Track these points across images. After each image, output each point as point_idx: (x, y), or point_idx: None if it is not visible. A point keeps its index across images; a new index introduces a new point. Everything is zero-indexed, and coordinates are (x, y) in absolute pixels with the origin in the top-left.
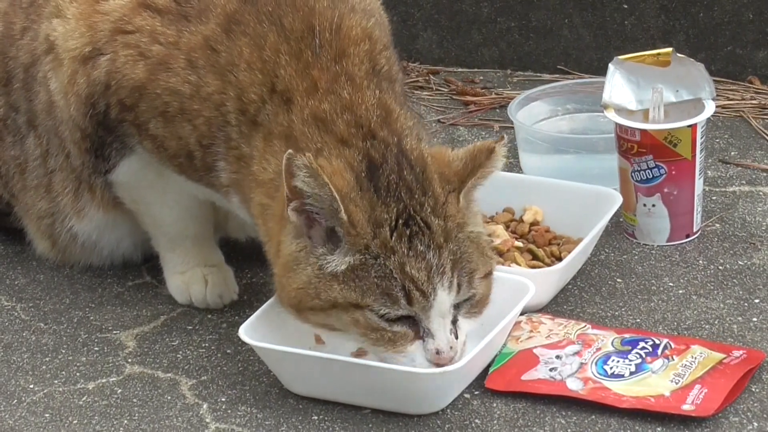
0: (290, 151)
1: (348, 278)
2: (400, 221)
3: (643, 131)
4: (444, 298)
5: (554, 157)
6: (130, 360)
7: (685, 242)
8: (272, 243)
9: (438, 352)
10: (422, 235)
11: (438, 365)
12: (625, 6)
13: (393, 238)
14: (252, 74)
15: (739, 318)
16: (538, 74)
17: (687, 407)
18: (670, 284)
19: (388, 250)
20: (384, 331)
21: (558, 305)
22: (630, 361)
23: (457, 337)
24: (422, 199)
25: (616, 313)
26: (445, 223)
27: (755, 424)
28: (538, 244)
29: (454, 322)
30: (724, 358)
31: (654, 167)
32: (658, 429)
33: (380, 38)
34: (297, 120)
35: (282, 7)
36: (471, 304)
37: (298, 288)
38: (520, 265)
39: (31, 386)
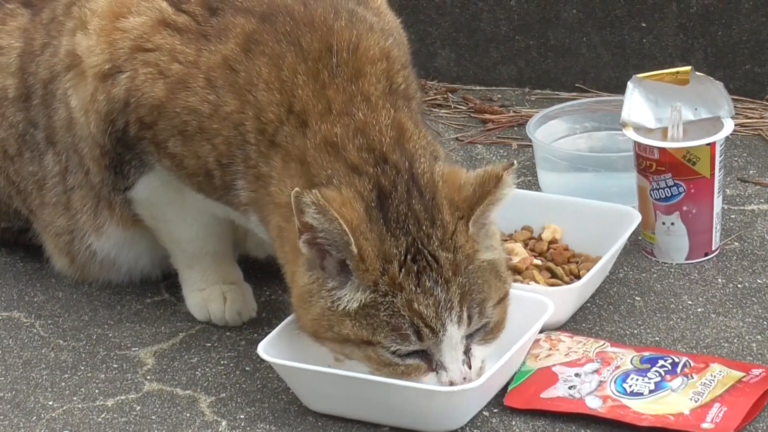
0: (297, 189)
1: (359, 316)
2: (408, 256)
3: (662, 149)
4: (454, 332)
5: (573, 175)
6: (149, 377)
7: (704, 260)
8: (288, 269)
9: (451, 384)
10: (430, 270)
11: None
12: (644, 24)
13: (401, 275)
14: (270, 94)
15: (758, 336)
16: (557, 92)
17: (706, 425)
18: (689, 302)
19: (396, 287)
20: (396, 366)
21: (577, 323)
22: (649, 379)
23: (470, 367)
24: (430, 230)
25: (635, 331)
26: (454, 256)
27: None
28: (557, 262)
29: (467, 351)
30: (744, 377)
31: (673, 185)
32: None
33: (398, 57)
34: (310, 145)
35: (300, 27)
36: (485, 332)
37: (313, 319)
38: (538, 283)
39: (50, 403)
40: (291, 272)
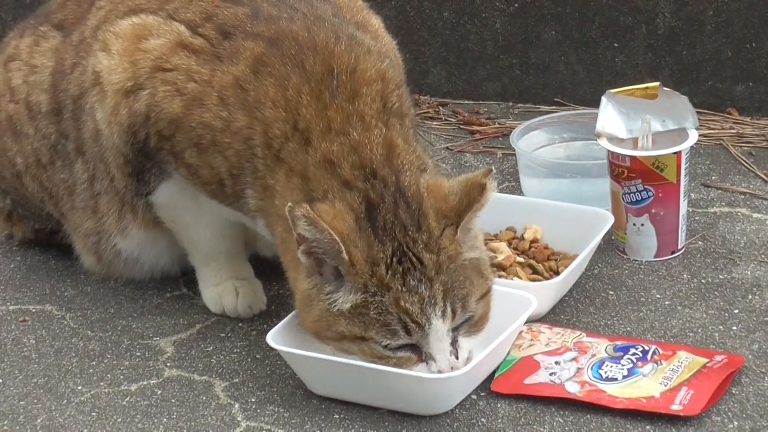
0: (290, 204)
1: (352, 315)
2: (395, 259)
3: (633, 157)
4: (439, 326)
5: (552, 180)
6: (168, 364)
7: (671, 258)
8: (290, 275)
9: (440, 373)
10: (414, 271)
11: None
12: (616, 45)
13: (388, 276)
14: (276, 111)
15: (720, 327)
16: (537, 106)
17: (675, 407)
18: (658, 296)
19: (384, 287)
20: (389, 359)
21: (556, 315)
22: (622, 365)
23: (457, 357)
24: (416, 235)
25: (609, 322)
26: (437, 257)
27: (735, 423)
28: (538, 260)
29: (454, 343)
30: (708, 363)
31: (643, 190)
32: (648, 427)
33: (393, 78)
34: (311, 161)
35: (304, 50)
36: (470, 324)
37: (313, 321)
38: (521, 278)
39: (80, 388)
40: (293, 278)
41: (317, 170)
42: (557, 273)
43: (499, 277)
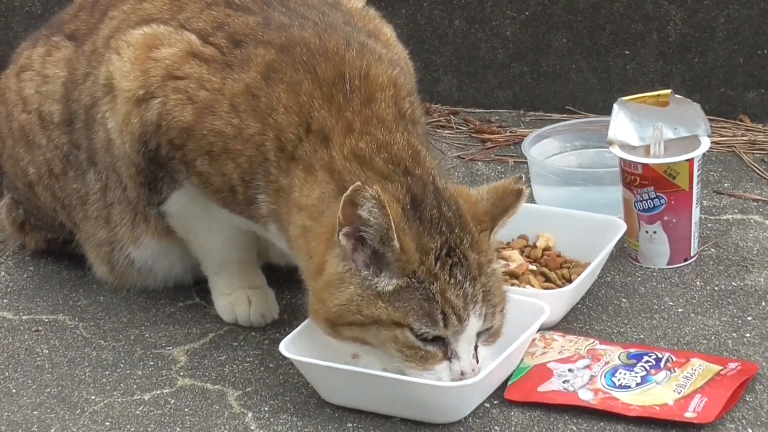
0: (358, 183)
1: (393, 298)
2: (443, 251)
3: (645, 165)
4: (474, 325)
5: (564, 188)
6: (181, 373)
7: (684, 265)
8: (313, 261)
9: (462, 373)
10: (461, 266)
11: None
12: (627, 52)
13: (437, 266)
14: (289, 117)
15: (734, 334)
16: (549, 114)
17: (689, 415)
18: (671, 303)
19: (432, 276)
20: (418, 350)
21: (569, 323)
22: (636, 373)
23: (478, 361)
24: (461, 234)
25: (622, 329)
26: (479, 258)
27: (750, 430)
28: (550, 268)
29: (476, 348)
30: (721, 370)
31: (655, 197)
32: None
33: (404, 85)
34: (338, 155)
35: (315, 56)
36: (489, 334)
37: (339, 304)
38: (534, 286)
39: (93, 397)
40: (317, 263)
41: (348, 163)
42: (570, 281)
43: (512, 285)
